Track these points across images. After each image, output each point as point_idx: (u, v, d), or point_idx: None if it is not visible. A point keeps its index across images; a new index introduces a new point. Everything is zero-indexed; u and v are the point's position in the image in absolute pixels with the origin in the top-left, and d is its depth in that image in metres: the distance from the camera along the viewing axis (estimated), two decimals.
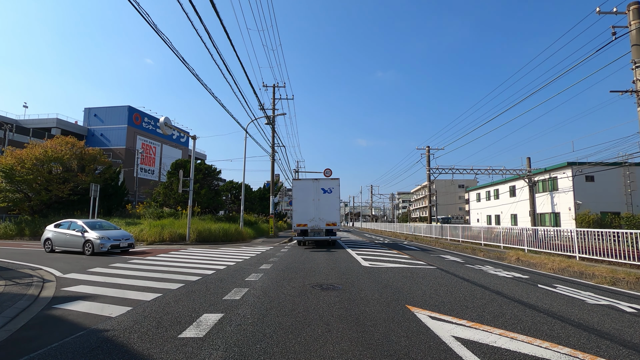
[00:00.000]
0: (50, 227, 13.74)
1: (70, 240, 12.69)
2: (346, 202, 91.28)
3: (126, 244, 12.88)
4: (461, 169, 30.13)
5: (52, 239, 13.14)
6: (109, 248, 12.14)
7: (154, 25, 8.17)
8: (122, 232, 13.52)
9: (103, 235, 12.29)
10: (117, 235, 12.89)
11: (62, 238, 12.95)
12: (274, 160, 26.35)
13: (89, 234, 12.30)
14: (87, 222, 13.21)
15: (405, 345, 3.53)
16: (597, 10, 13.11)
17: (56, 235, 13.12)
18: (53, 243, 13.11)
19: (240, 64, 12.59)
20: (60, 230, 13.14)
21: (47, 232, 13.51)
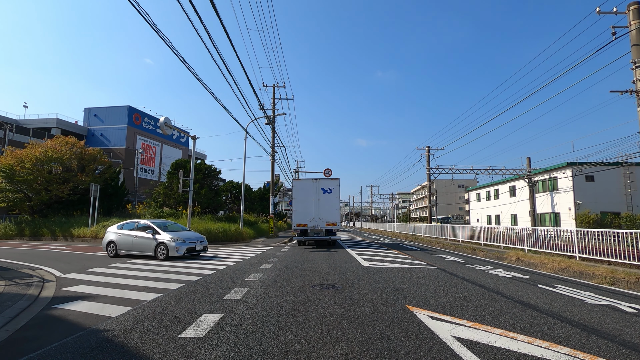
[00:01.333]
0: (112, 228, 12.35)
1: (139, 243, 11.40)
2: (346, 202, 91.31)
3: (201, 247, 11.64)
4: (461, 169, 30.13)
5: (117, 241, 11.76)
6: (184, 252, 10.93)
7: (154, 26, 8.17)
8: (194, 234, 12.22)
9: (177, 237, 11.06)
10: (192, 237, 11.70)
11: (128, 240, 11.62)
12: (274, 160, 26.34)
13: (161, 236, 11.06)
14: (156, 223, 11.92)
15: (405, 345, 3.53)
16: (597, 10, 13.11)
17: (122, 237, 11.78)
18: (118, 246, 11.73)
19: (240, 64, 12.59)
20: (126, 232, 11.80)
21: (110, 234, 12.11)
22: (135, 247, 11.48)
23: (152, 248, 11.09)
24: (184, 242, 11.03)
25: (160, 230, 11.30)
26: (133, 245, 11.51)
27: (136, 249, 11.46)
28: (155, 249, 11.04)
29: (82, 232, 19.41)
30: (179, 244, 10.88)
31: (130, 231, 11.76)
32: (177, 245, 10.81)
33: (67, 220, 21.49)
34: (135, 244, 11.50)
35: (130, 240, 11.62)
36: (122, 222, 12.83)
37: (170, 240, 10.88)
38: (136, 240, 11.49)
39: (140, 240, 11.41)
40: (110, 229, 12.35)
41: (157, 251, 10.99)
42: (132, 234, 11.65)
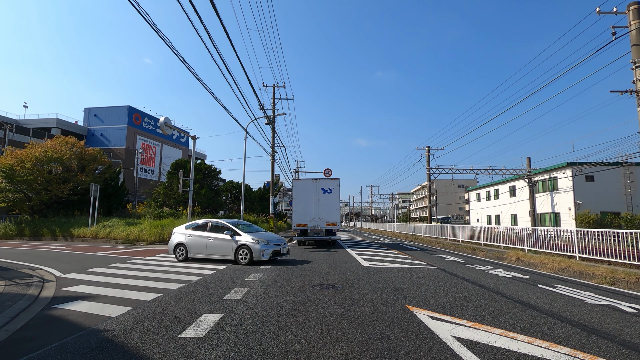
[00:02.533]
0: (180, 229, 11.07)
1: (216, 245, 10.15)
2: (346, 202, 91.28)
3: (285, 250, 10.60)
4: (461, 169, 30.12)
5: (188, 244, 10.50)
6: (270, 255, 9.79)
7: (154, 25, 8.17)
8: (274, 235, 11.15)
9: (260, 238, 9.98)
10: (275, 238, 10.59)
11: (201, 243, 10.35)
12: (274, 160, 26.35)
13: (242, 238, 9.91)
14: (232, 222, 10.77)
15: (405, 345, 3.53)
16: (597, 11, 13.11)
17: (193, 239, 10.49)
18: (189, 249, 10.47)
19: (240, 64, 12.59)
20: (199, 233, 10.49)
21: (179, 236, 10.79)
22: (211, 250, 10.23)
23: (232, 251, 9.90)
24: (268, 244, 9.93)
25: (240, 231, 10.15)
26: (208, 248, 10.26)
27: (212, 252, 10.23)
28: (235, 253, 9.86)
29: (82, 232, 19.41)
30: (264, 246, 9.76)
31: (203, 232, 10.49)
32: (262, 248, 9.70)
33: (67, 220, 21.49)
34: (210, 246, 10.24)
35: (203, 242, 10.34)
36: (190, 222, 11.62)
37: (253, 243, 9.76)
38: (212, 243, 10.23)
39: (216, 243, 10.17)
40: (177, 230, 11.08)
41: (237, 255, 9.82)
42: (205, 235, 10.37)
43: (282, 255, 10.63)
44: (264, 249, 9.72)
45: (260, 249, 9.64)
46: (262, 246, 9.73)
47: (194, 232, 10.61)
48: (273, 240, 10.28)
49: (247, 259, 9.66)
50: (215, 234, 10.30)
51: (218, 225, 10.57)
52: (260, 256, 9.62)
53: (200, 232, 10.53)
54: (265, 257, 9.69)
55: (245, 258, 9.70)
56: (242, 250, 9.79)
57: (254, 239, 9.82)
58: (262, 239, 9.98)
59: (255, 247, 9.68)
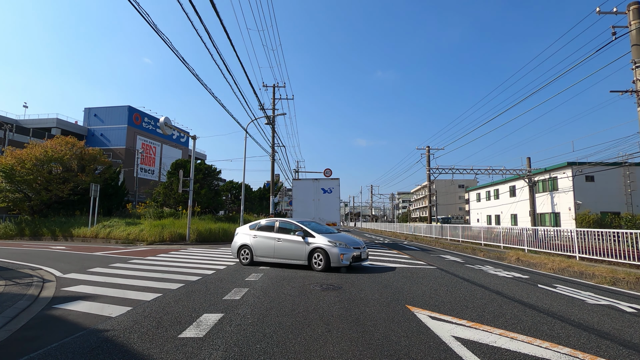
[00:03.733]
0: (244, 229, 10.06)
1: (285, 248, 9.09)
2: (346, 202, 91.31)
3: (365, 255, 9.20)
4: (461, 169, 30.14)
5: (253, 246, 9.53)
6: (350, 261, 8.49)
7: (154, 25, 8.17)
8: (352, 237, 9.69)
9: (339, 241, 8.71)
10: (353, 241, 9.21)
11: (268, 245, 9.35)
12: (274, 160, 26.35)
13: (316, 240, 8.73)
14: (303, 222, 9.59)
15: (405, 345, 3.53)
16: (597, 11, 13.11)
17: (259, 240, 9.51)
18: (254, 251, 9.49)
19: (240, 64, 12.60)
20: (266, 234, 9.49)
21: (243, 237, 9.83)
22: (280, 252, 9.17)
23: (305, 255, 8.77)
24: (347, 247, 8.63)
25: (313, 231, 9.03)
26: (276, 251, 9.21)
27: (280, 255, 9.17)
28: (308, 257, 8.73)
29: (82, 232, 19.41)
30: (343, 250, 8.48)
31: (270, 232, 9.51)
32: (341, 251, 8.41)
33: (67, 220, 21.48)
34: (279, 249, 9.18)
35: (270, 244, 9.30)
36: (254, 221, 10.45)
37: (330, 245, 8.53)
38: (281, 245, 9.16)
39: (286, 245, 9.09)
40: (241, 230, 10.11)
41: (311, 259, 8.68)
42: (273, 237, 9.35)
43: (362, 261, 9.03)
44: (343, 253, 8.42)
45: (338, 253, 8.38)
46: (340, 249, 8.45)
47: (260, 233, 9.61)
48: (352, 244, 8.87)
49: (323, 265, 8.44)
50: (284, 235, 9.25)
51: (287, 225, 9.53)
52: (339, 261, 8.35)
53: (267, 233, 9.53)
54: (345, 262, 8.40)
55: (319, 263, 8.50)
56: (316, 254, 8.64)
57: (331, 241, 8.60)
58: (339, 241, 8.71)
59: (332, 251, 8.44)
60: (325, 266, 8.43)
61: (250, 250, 9.59)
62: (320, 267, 8.48)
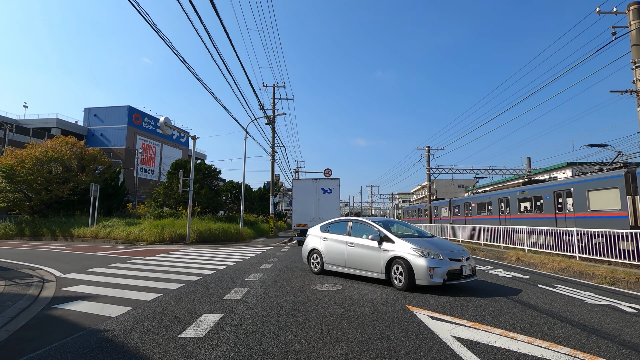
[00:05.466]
0: (315, 230, 8.68)
1: (357, 255, 7.18)
2: (346, 202, 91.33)
3: (470, 269, 6.46)
4: (461, 169, 30.22)
5: (324, 251, 7.99)
6: (445, 278, 6.05)
7: (154, 26, 8.17)
8: (448, 243, 7.00)
9: (428, 248, 6.32)
10: (450, 248, 6.66)
11: (339, 250, 7.63)
12: (274, 160, 26.36)
13: (396, 246, 6.55)
14: (381, 221, 7.62)
15: (405, 345, 3.53)
16: (597, 10, 13.10)
17: (330, 245, 7.92)
18: (324, 258, 7.93)
19: (240, 64, 12.60)
20: (337, 237, 7.82)
21: (313, 239, 8.45)
22: (352, 261, 7.31)
23: (381, 266, 6.66)
24: (440, 258, 6.17)
25: (393, 234, 6.89)
26: (348, 259, 7.39)
27: (352, 264, 7.30)
28: (386, 269, 6.57)
29: (82, 232, 19.41)
30: (434, 261, 6.10)
31: (341, 235, 7.80)
32: (430, 264, 6.04)
33: (67, 220, 21.49)
34: (351, 256, 7.33)
35: (341, 249, 7.58)
36: (330, 219, 8.75)
37: (415, 254, 6.22)
38: (352, 251, 7.31)
39: (358, 252, 7.19)
40: (312, 231, 8.72)
41: (390, 272, 6.51)
42: (344, 240, 7.61)
43: (464, 279, 6.34)
44: (434, 266, 6.00)
45: (425, 267, 5.99)
46: (429, 261, 6.05)
47: (331, 235, 8.02)
48: (448, 253, 6.37)
49: (405, 281, 6.15)
50: (357, 238, 7.39)
51: (362, 225, 7.63)
52: (427, 278, 5.96)
53: (337, 236, 7.84)
54: (436, 280, 5.94)
55: (400, 279, 6.25)
56: (395, 265, 6.42)
57: (416, 249, 6.26)
58: (429, 248, 6.27)
59: (417, 263, 6.09)
60: (408, 283, 6.11)
61: (320, 256, 8.11)
62: (401, 285, 6.24)
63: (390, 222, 7.94)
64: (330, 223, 8.42)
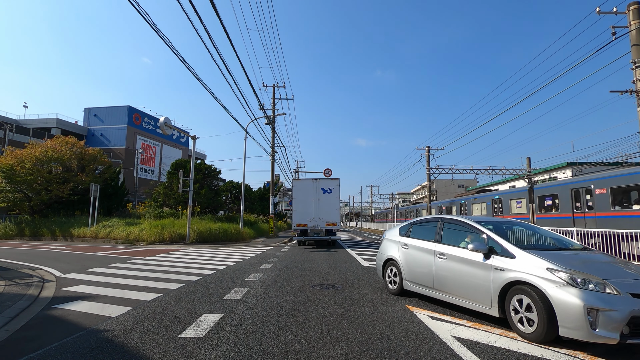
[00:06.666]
0: (392, 232, 6.45)
1: (451, 273, 4.83)
2: (346, 202, 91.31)
3: None
4: (461, 169, 30.15)
5: (402, 262, 5.78)
6: (625, 328, 3.21)
7: (154, 26, 8.18)
8: (620, 263, 4.18)
9: (583, 272, 3.60)
10: (631, 274, 3.75)
11: (423, 263, 5.34)
12: (274, 160, 26.36)
13: (517, 263, 4.01)
14: (488, 222, 5.10)
15: (405, 345, 3.53)
16: (597, 10, 13.11)
17: (410, 254, 5.69)
18: (403, 273, 5.71)
19: (240, 64, 12.61)
20: (421, 244, 5.54)
21: (389, 245, 6.27)
22: (443, 282, 4.93)
23: (490, 296, 4.20)
24: (609, 291, 3.41)
25: (510, 244, 4.31)
26: (437, 278, 5.03)
27: (444, 286, 4.91)
28: (499, 300, 4.11)
29: (82, 232, 19.40)
30: (597, 297, 3.37)
31: (426, 242, 5.44)
32: (589, 301, 3.34)
33: (67, 220, 21.48)
34: (441, 274, 4.97)
35: (427, 262, 5.25)
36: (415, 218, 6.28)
37: (555, 281, 3.61)
38: (443, 266, 4.96)
39: (452, 267, 4.83)
40: (389, 235, 6.53)
41: (507, 307, 4.01)
42: (431, 249, 5.26)
43: None
44: (600, 306, 3.32)
45: (581, 305, 3.35)
46: (589, 295, 3.40)
47: (413, 241, 5.70)
48: (627, 281, 3.60)
49: (540, 327, 3.60)
50: (450, 247, 4.95)
51: (457, 225, 5.20)
52: (586, 325, 3.30)
53: (423, 242, 5.46)
54: (606, 333, 3.25)
55: (529, 320, 3.73)
56: (518, 297, 3.90)
57: (559, 269, 3.69)
58: (586, 271, 3.67)
59: (562, 298, 3.50)
60: (546, 331, 3.54)
61: (398, 269, 5.80)
62: (531, 331, 3.68)
63: (505, 224, 5.21)
64: (413, 223, 6.12)
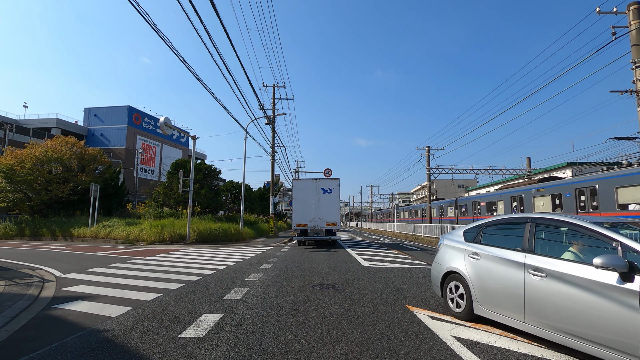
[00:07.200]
0: (455, 236, 5.05)
1: (558, 299, 3.21)
2: (346, 202, 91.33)
3: None
4: (461, 169, 30.21)
5: (473, 278, 4.30)
6: None
7: (154, 25, 8.17)
8: None
9: None
10: None
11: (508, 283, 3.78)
12: (274, 160, 26.36)
13: None
14: (615, 226, 3.36)
15: (405, 345, 3.53)
16: (597, 10, 13.11)
17: (486, 268, 4.16)
18: (475, 292, 4.23)
19: (240, 64, 12.61)
20: (504, 254, 3.98)
21: (451, 253, 4.86)
22: (541, 312, 3.41)
23: (630, 337, 2.66)
24: None
25: None
26: (531, 305, 3.50)
27: (544, 317, 3.38)
28: None
29: (82, 232, 19.40)
30: None
31: (513, 252, 3.90)
32: None
33: (67, 220, 21.48)
34: (540, 298, 3.42)
35: (513, 281, 3.74)
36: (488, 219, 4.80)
37: None
38: (542, 287, 3.41)
39: (558, 291, 3.26)
40: (449, 239, 5.11)
41: None
42: (519, 262, 3.74)
43: None
44: None
45: None
46: None
47: (488, 250, 4.26)
48: None
49: None
50: (551, 259, 3.46)
51: (561, 226, 3.73)
52: None
53: (503, 251, 4.04)
54: None
55: None
56: None
57: None
58: None
59: None
60: None
61: (466, 286, 4.36)
62: None
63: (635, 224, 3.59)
64: (486, 225, 4.50)
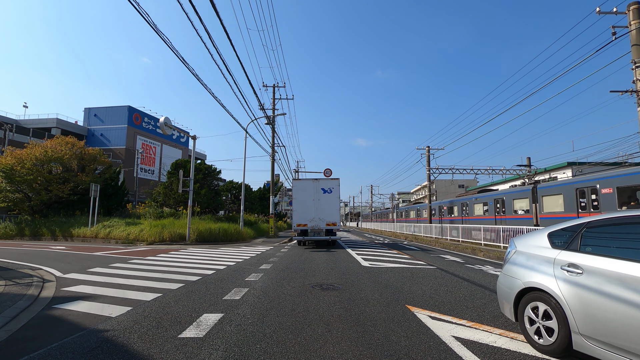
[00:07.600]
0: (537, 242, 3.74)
1: None
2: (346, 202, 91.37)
3: None
4: (461, 169, 30.18)
5: (572, 304, 2.92)
6: None
7: (154, 25, 8.17)
8: None
9: None
10: None
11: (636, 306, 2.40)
12: (274, 160, 26.36)
13: None
14: None
15: (405, 345, 3.53)
16: (597, 11, 13.11)
17: (599, 288, 2.75)
18: (575, 319, 2.89)
19: (240, 64, 12.61)
20: (627, 271, 2.59)
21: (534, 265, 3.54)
22: None
23: None
24: None
25: None
26: None
27: None
28: None
29: (82, 232, 19.40)
30: None
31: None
32: None
33: (67, 220, 21.48)
34: None
35: None
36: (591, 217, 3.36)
37: None
38: None
39: None
40: (528, 245, 3.95)
41: None
42: None
43: None
44: None
45: None
46: None
47: (595, 262, 2.92)
48: None
49: None
50: None
51: None
52: None
53: (624, 265, 2.66)
54: None
55: None
56: None
57: None
58: None
59: None
60: None
61: (559, 311, 3.12)
62: None
63: None
64: (587, 226, 3.34)
